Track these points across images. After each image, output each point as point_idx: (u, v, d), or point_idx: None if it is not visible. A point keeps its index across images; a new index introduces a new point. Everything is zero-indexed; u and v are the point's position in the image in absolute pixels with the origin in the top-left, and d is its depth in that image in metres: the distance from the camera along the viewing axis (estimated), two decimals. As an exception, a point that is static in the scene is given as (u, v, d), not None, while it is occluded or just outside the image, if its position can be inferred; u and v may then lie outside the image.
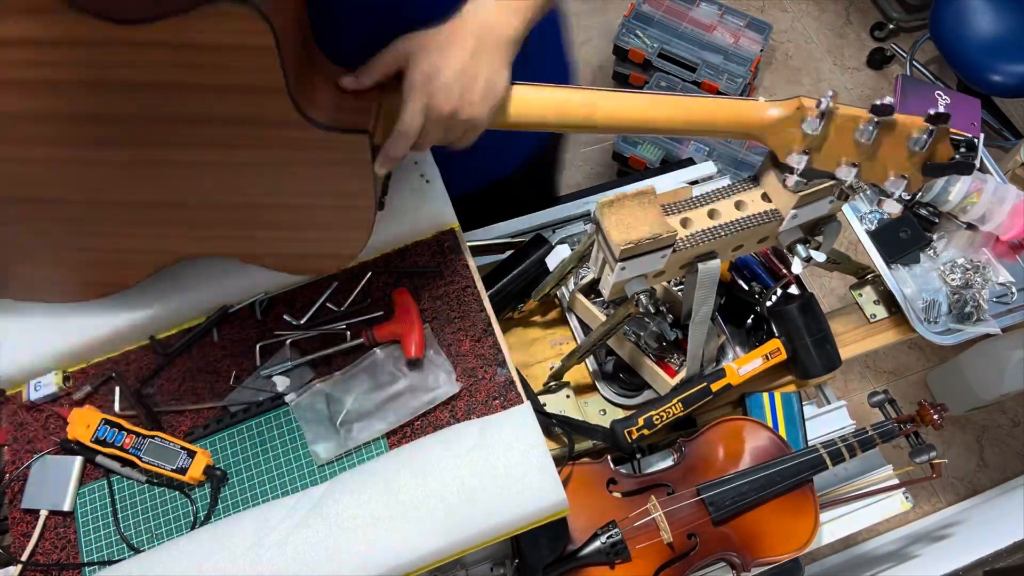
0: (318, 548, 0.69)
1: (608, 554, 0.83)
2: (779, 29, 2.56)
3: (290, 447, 0.81)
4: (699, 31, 2.19)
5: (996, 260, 1.11)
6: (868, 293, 1.10)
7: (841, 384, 2.00)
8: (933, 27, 2.01)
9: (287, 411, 0.83)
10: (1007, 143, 2.29)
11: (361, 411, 0.82)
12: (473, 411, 0.82)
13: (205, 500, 0.78)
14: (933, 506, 1.88)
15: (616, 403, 0.97)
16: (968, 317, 1.06)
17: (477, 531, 0.71)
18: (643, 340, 0.96)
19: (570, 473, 0.88)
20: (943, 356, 2.01)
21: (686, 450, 0.91)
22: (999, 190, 1.10)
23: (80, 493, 0.78)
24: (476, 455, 0.73)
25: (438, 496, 0.71)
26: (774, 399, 0.98)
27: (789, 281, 1.04)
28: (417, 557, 0.70)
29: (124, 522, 0.77)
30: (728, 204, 0.78)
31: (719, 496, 0.85)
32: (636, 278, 0.77)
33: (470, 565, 0.87)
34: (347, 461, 0.81)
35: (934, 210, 1.12)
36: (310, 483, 0.80)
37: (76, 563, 0.76)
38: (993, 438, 1.97)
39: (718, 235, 0.77)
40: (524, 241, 1.05)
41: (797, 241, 0.80)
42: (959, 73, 1.99)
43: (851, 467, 0.97)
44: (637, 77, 2.24)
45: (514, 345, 1.01)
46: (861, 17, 2.61)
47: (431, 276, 0.89)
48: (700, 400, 0.91)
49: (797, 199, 0.74)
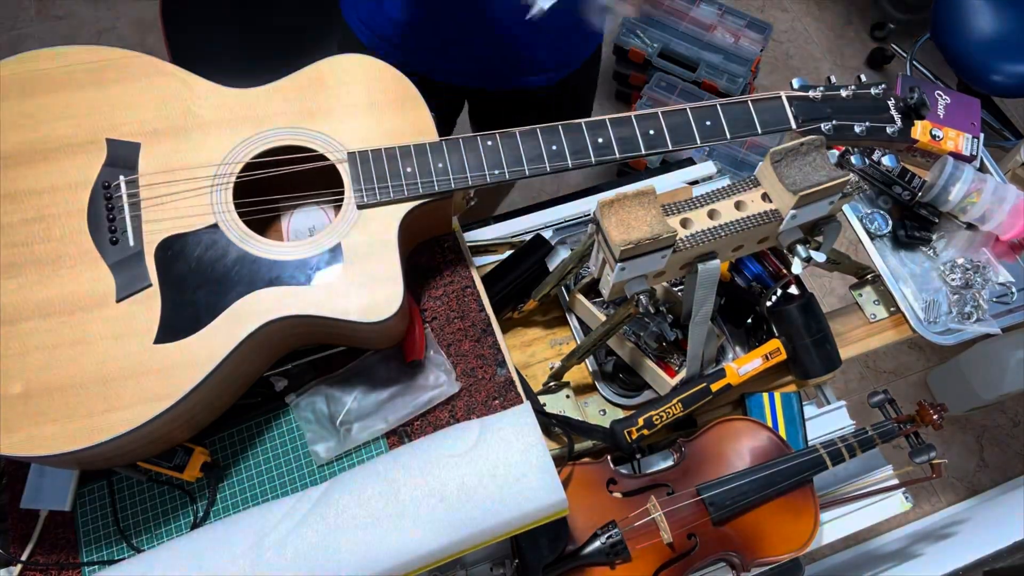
0: (318, 548, 0.69)
1: (608, 554, 0.83)
2: (779, 29, 2.56)
3: (290, 447, 0.81)
4: (699, 31, 2.19)
5: (996, 260, 1.11)
6: (868, 293, 1.10)
7: (841, 384, 2.00)
8: (933, 27, 2.01)
9: (287, 411, 0.83)
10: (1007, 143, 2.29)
11: (361, 411, 0.82)
12: (473, 411, 0.82)
13: (205, 500, 0.78)
14: (933, 506, 1.88)
15: (616, 403, 0.97)
16: (968, 317, 1.06)
17: (477, 531, 0.71)
18: (643, 340, 0.96)
19: (570, 473, 0.88)
20: (943, 356, 2.01)
21: (686, 450, 0.90)
22: (999, 190, 1.10)
23: (80, 493, 0.78)
24: (476, 455, 0.73)
25: (438, 496, 0.71)
26: (774, 399, 0.98)
27: (789, 281, 1.04)
28: (417, 557, 0.70)
29: (124, 522, 0.77)
30: (728, 204, 0.78)
31: (719, 496, 0.85)
32: (636, 278, 0.77)
33: (470, 565, 0.87)
34: (347, 461, 0.81)
35: (934, 210, 1.12)
36: (310, 483, 0.80)
37: (76, 563, 0.76)
38: (993, 438, 1.97)
39: (718, 235, 0.76)
40: (524, 241, 1.05)
41: (797, 241, 0.80)
42: (959, 73, 1.99)
43: (851, 467, 0.97)
44: (637, 77, 2.24)
45: (514, 345, 1.01)
46: (861, 17, 2.61)
47: (431, 276, 0.88)
48: (700, 400, 0.91)
49: (797, 199, 0.74)
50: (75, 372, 0.66)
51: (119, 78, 0.77)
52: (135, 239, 0.72)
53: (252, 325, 0.69)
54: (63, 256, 0.70)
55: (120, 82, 0.77)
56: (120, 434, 0.65)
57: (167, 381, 0.67)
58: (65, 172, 0.73)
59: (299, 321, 0.72)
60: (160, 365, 0.67)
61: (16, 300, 0.68)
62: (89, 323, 0.68)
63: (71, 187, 0.73)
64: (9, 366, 0.66)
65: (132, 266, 0.71)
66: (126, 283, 0.70)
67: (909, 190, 1.12)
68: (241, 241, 0.73)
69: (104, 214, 0.72)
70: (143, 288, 0.70)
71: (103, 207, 0.73)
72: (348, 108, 0.79)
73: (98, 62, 0.77)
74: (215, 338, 0.68)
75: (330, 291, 0.72)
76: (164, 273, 0.71)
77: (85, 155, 0.74)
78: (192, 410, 0.72)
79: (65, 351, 0.67)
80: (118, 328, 0.68)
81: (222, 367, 0.68)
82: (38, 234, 0.71)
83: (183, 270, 0.71)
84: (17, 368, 0.66)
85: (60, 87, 0.76)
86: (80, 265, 0.70)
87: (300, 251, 0.73)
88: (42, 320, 0.68)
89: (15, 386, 0.65)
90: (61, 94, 0.76)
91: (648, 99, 2.09)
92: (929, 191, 1.10)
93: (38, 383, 0.66)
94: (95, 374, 0.66)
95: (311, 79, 0.80)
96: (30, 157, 0.74)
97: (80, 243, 0.71)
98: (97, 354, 0.67)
